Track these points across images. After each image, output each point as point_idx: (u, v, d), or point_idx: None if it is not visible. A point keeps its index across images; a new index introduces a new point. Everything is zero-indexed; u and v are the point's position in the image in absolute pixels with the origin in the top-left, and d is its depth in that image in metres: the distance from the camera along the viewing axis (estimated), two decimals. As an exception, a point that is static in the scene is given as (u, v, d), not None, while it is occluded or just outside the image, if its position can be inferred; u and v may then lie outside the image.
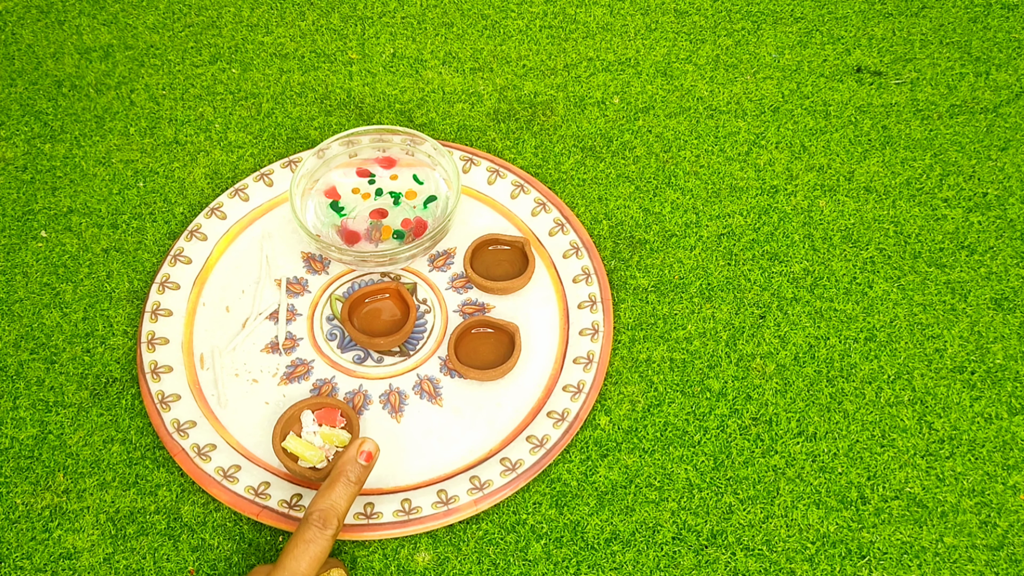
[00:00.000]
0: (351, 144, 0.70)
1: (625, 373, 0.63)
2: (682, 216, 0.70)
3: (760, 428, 0.61)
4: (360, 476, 0.53)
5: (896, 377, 0.63)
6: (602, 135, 0.74)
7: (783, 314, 0.65)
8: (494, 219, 0.70)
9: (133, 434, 0.61)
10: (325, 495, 0.51)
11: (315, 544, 0.49)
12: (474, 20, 0.82)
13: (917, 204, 0.70)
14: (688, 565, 0.56)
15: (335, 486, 0.52)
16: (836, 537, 0.57)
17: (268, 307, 0.66)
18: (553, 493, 0.59)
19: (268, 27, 0.82)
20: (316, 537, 0.50)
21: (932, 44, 0.79)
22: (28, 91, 0.78)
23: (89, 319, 0.66)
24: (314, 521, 0.50)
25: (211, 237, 0.69)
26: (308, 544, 0.49)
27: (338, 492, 0.52)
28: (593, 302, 0.65)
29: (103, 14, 0.83)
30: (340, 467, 0.53)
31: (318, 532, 0.50)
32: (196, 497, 0.59)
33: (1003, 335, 0.64)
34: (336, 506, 0.51)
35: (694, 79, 0.78)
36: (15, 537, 0.58)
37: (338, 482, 0.52)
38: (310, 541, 0.49)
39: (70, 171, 0.73)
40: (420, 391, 0.62)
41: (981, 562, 0.56)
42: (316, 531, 0.50)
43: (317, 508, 0.51)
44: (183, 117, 0.76)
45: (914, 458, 0.59)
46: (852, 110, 0.75)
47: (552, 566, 0.56)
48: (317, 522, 0.50)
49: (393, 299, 0.65)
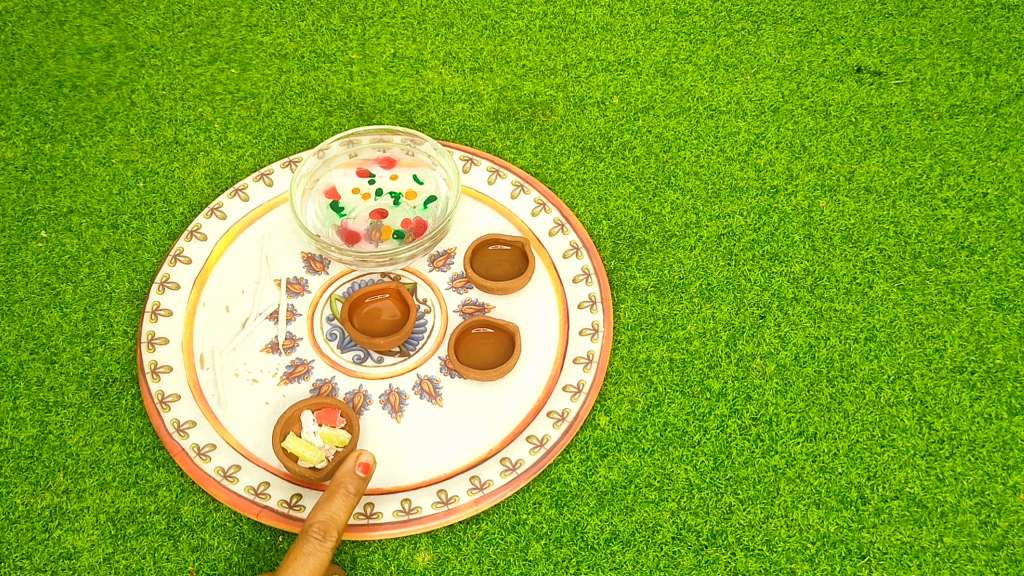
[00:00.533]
0: (351, 144, 0.70)
1: (625, 373, 0.63)
2: (682, 216, 0.70)
3: (760, 428, 0.61)
4: (359, 488, 0.53)
5: (896, 377, 0.63)
6: (602, 135, 0.74)
7: (783, 314, 0.65)
8: (494, 219, 0.70)
9: (133, 434, 0.61)
10: (324, 507, 0.52)
11: (314, 557, 0.49)
12: (474, 20, 0.82)
13: (917, 204, 0.70)
14: (688, 565, 0.56)
15: (334, 498, 0.52)
16: (836, 537, 0.57)
17: (268, 307, 0.66)
18: (553, 493, 0.59)
19: (268, 27, 0.82)
20: (315, 550, 0.50)
21: (932, 44, 0.79)
22: (28, 91, 0.78)
23: (89, 319, 0.66)
24: (314, 533, 0.50)
25: (211, 237, 0.69)
26: (307, 557, 0.49)
27: (337, 504, 0.52)
28: (593, 302, 0.65)
29: (104, 14, 0.83)
30: (338, 479, 0.53)
31: (318, 544, 0.50)
32: (196, 497, 0.59)
33: (1003, 335, 0.64)
34: (335, 518, 0.51)
35: (694, 79, 0.78)
36: (15, 537, 0.58)
37: (337, 494, 0.52)
38: (309, 554, 0.49)
39: (70, 171, 0.73)
40: (420, 391, 0.62)
41: (981, 562, 0.56)
42: (316, 543, 0.50)
43: (316, 520, 0.51)
44: (183, 117, 0.76)
45: (914, 458, 0.59)
46: (852, 110, 0.75)
47: (552, 566, 0.56)
48: (317, 534, 0.50)
49: (393, 299, 0.65)
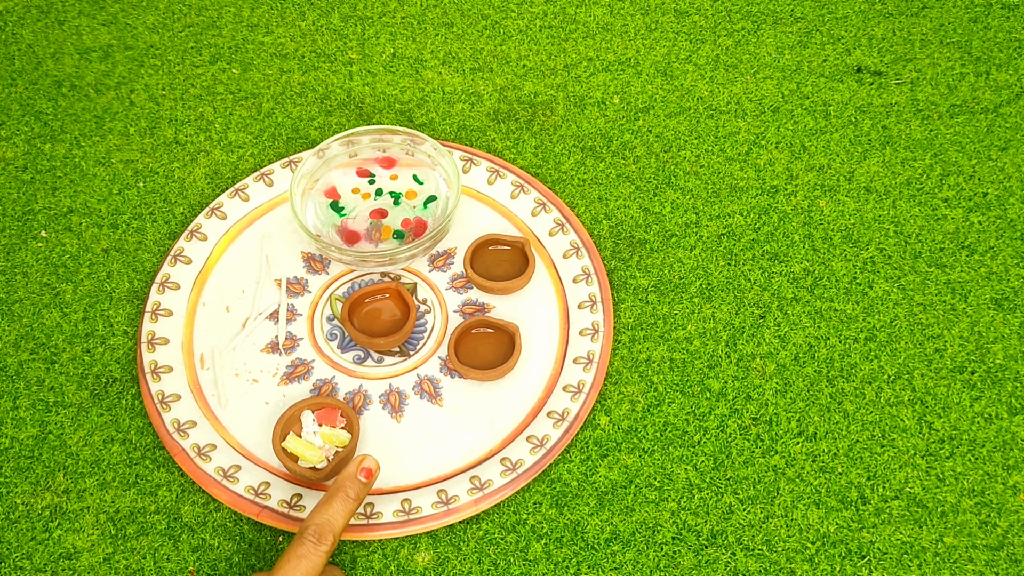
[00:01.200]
0: (351, 144, 0.70)
1: (625, 373, 0.63)
2: (682, 216, 0.70)
3: (760, 428, 0.61)
4: (359, 493, 0.53)
5: (896, 377, 0.63)
6: (602, 135, 0.74)
7: (783, 314, 0.65)
8: (494, 219, 0.70)
9: (133, 434, 0.61)
10: (322, 510, 0.51)
11: (307, 560, 0.49)
12: (474, 20, 0.82)
13: (917, 204, 0.70)
14: (688, 565, 0.56)
15: (333, 501, 0.52)
16: (836, 537, 0.57)
17: (268, 307, 0.66)
18: (553, 493, 0.59)
19: (268, 27, 0.82)
20: (309, 552, 0.49)
21: (932, 44, 0.79)
22: (28, 91, 0.78)
23: (89, 319, 0.66)
24: (309, 536, 0.50)
25: (211, 237, 0.69)
26: (300, 559, 0.49)
27: (335, 508, 0.52)
28: (593, 302, 0.65)
29: (103, 14, 0.83)
30: (339, 482, 0.53)
31: (312, 547, 0.50)
32: (196, 497, 0.59)
33: (1003, 335, 0.64)
34: (332, 522, 0.51)
35: (694, 79, 0.78)
36: (15, 537, 0.58)
37: (336, 497, 0.52)
38: (303, 556, 0.49)
39: (70, 171, 0.73)
40: (420, 391, 0.62)
41: (981, 562, 0.56)
42: (311, 546, 0.50)
43: (313, 523, 0.51)
44: (183, 117, 0.76)
45: (914, 458, 0.59)
46: (852, 110, 0.75)
47: (552, 566, 0.56)
48: (312, 537, 0.50)
49: (393, 299, 0.65)
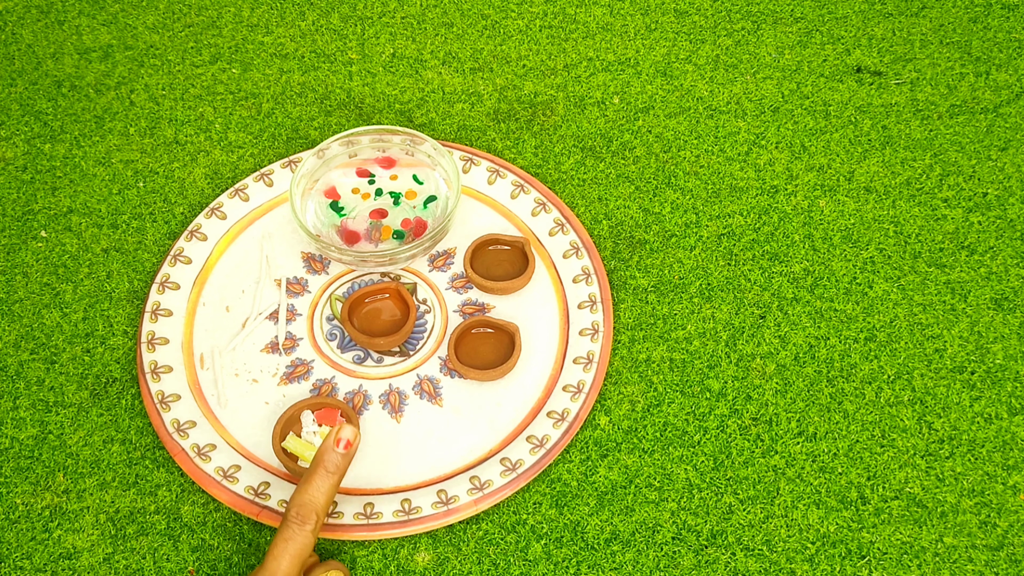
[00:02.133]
0: (351, 144, 0.70)
1: (625, 373, 0.63)
2: (682, 216, 0.70)
3: (760, 428, 0.61)
4: (339, 465, 0.51)
5: (896, 377, 0.63)
6: (602, 135, 0.74)
7: (783, 314, 0.65)
8: (494, 219, 0.70)
9: (133, 434, 0.61)
10: (303, 489, 0.50)
11: (294, 542, 0.49)
12: (474, 20, 0.82)
13: (917, 204, 0.70)
14: (688, 565, 0.56)
15: (313, 479, 0.51)
16: (836, 537, 0.57)
17: (268, 307, 0.66)
18: (553, 493, 0.59)
19: (268, 27, 0.82)
20: (295, 535, 0.49)
21: (932, 44, 0.79)
22: (28, 91, 0.78)
23: (89, 319, 0.66)
24: (292, 518, 0.49)
25: (211, 237, 0.69)
26: (287, 543, 0.49)
27: (316, 485, 0.50)
28: (593, 302, 0.65)
29: (103, 14, 0.83)
30: (318, 457, 0.52)
31: (297, 529, 0.49)
32: (196, 497, 0.59)
33: (1003, 335, 0.64)
34: (314, 500, 0.50)
35: (694, 79, 0.78)
36: (15, 537, 0.58)
37: (316, 474, 0.51)
38: (288, 539, 0.49)
39: (70, 171, 0.73)
40: (420, 391, 0.62)
41: (981, 562, 0.56)
42: (295, 528, 0.49)
43: (295, 504, 0.50)
44: (183, 117, 0.76)
45: (914, 458, 0.59)
46: (852, 110, 0.75)
47: (552, 566, 0.56)
48: (295, 519, 0.49)
49: (393, 299, 0.65)
